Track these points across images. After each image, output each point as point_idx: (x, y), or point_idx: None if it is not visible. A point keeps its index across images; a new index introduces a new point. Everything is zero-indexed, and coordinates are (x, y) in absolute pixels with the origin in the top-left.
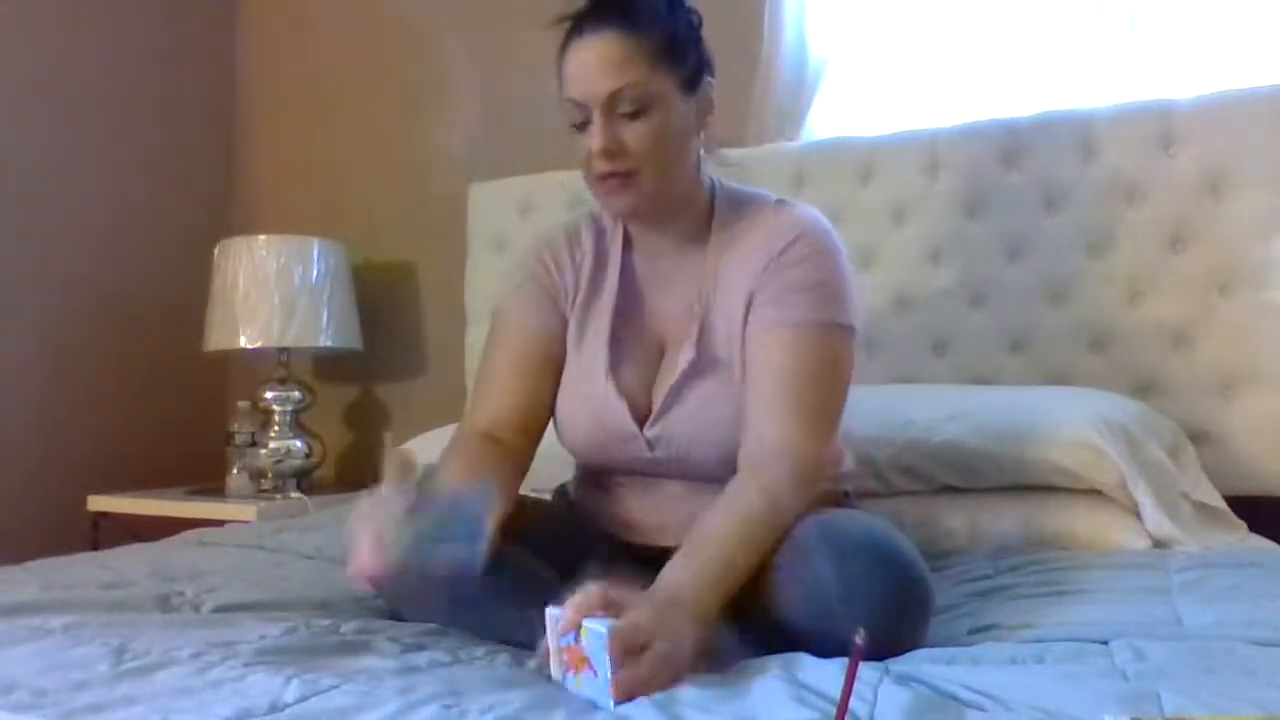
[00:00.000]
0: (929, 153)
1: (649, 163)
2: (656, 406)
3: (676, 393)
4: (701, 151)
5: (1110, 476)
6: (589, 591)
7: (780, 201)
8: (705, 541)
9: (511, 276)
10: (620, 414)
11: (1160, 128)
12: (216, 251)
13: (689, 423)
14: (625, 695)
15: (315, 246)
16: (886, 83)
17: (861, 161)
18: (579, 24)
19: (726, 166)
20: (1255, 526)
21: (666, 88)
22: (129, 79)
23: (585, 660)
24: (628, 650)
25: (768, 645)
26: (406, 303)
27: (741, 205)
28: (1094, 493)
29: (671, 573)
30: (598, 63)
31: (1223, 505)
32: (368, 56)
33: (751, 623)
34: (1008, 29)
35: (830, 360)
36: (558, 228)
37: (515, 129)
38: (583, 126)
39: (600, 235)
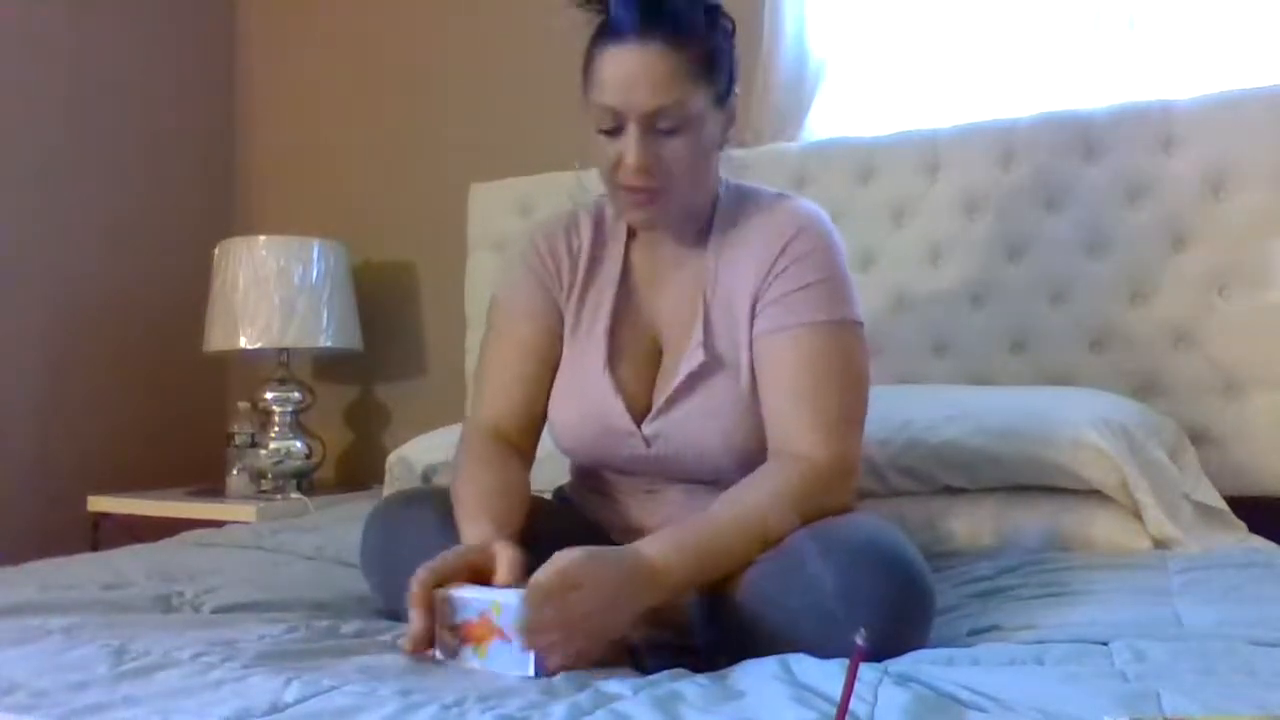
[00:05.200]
0: (929, 153)
1: (679, 180)
2: (657, 404)
3: (681, 391)
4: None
5: (1111, 477)
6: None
7: (778, 195)
8: (693, 520)
9: (507, 266)
10: (617, 410)
11: (1160, 128)
12: (216, 251)
13: (689, 420)
14: (537, 644)
15: (315, 246)
16: (886, 83)
17: (861, 162)
18: (617, 24)
19: (730, 165)
20: (1255, 527)
21: (703, 104)
22: (128, 78)
23: (495, 630)
24: (547, 595)
25: (765, 646)
26: (406, 303)
27: (742, 201)
28: (1095, 493)
29: (643, 541)
30: (642, 76)
31: (1223, 506)
32: (368, 57)
33: (749, 623)
34: (1008, 29)
35: (845, 358)
36: (555, 217)
37: (515, 129)
38: (613, 132)
39: (599, 225)
